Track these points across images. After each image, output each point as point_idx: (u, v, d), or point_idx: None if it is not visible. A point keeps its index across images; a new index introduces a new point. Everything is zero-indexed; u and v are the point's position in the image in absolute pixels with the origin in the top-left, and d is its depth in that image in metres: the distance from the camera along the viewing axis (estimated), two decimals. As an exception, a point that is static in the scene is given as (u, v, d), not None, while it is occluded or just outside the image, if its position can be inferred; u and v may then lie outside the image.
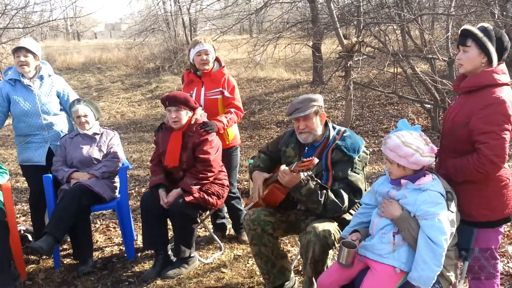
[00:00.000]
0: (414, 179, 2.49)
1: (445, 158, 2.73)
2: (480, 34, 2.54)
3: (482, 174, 2.51)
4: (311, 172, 2.93)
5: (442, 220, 2.36)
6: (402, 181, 2.50)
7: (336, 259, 2.62)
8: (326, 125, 3.20)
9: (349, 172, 2.99)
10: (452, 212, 2.48)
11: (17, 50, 4.09)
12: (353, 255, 2.54)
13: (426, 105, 7.72)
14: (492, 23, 7.51)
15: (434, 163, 2.71)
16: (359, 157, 3.03)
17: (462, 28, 2.65)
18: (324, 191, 2.94)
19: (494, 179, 2.59)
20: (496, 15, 6.80)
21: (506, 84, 2.56)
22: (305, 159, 2.80)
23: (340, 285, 2.61)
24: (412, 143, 2.45)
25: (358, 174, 3.02)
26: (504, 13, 7.66)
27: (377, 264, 2.47)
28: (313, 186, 2.91)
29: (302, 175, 2.87)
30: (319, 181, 2.98)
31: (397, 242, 2.45)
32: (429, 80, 6.95)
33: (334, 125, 3.24)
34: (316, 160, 2.78)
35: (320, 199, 2.91)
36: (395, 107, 9.50)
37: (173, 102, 3.73)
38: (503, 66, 2.61)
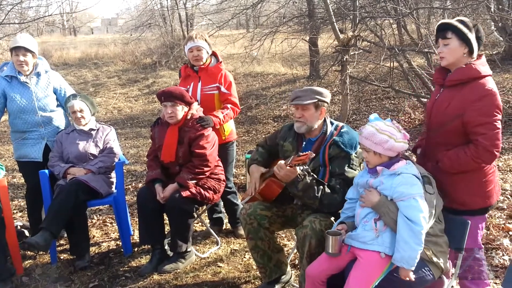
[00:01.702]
0: (389, 165, 2.57)
1: (433, 151, 2.78)
2: (459, 25, 2.62)
3: (479, 164, 2.61)
4: (307, 166, 2.93)
5: (418, 199, 2.43)
6: (378, 168, 2.58)
7: (324, 250, 2.66)
8: (324, 120, 3.19)
9: (346, 168, 2.99)
10: (430, 194, 2.54)
11: (16, 49, 4.06)
12: (339, 243, 2.59)
13: (422, 99, 7.73)
14: (488, 17, 7.52)
15: (414, 154, 2.77)
16: (356, 153, 3.03)
17: (439, 22, 2.72)
18: (321, 186, 2.94)
19: (484, 167, 2.68)
20: (492, 9, 6.80)
21: (489, 75, 2.64)
22: (301, 153, 2.82)
23: (328, 275, 2.65)
24: (386, 130, 2.56)
25: (355, 170, 3.02)
26: (500, 6, 7.66)
27: (363, 251, 2.53)
28: (309, 181, 2.91)
29: (299, 169, 2.89)
30: (316, 176, 2.98)
31: (379, 228, 2.52)
32: (425, 74, 6.95)
33: (332, 121, 3.23)
34: (312, 154, 2.80)
35: (316, 194, 2.91)
36: (392, 101, 9.51)
37: (168, 97, 3.73)
38: (484, 58, 2.69)
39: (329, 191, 2.93)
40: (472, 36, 2.62)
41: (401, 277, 2.41)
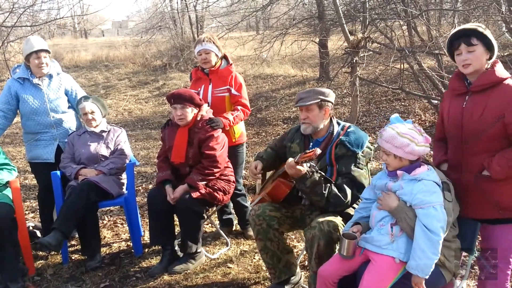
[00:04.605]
0: (409, 170, 2.54)
1: (473, 161, 2.66)
2: (484, 31, 2.56)
3: None
4: (314, 164, 2.95)
5: (438, 208, 2.40)
6: (398, 172, 2.55)
7: (337, 251, 2.65)
8: (330, 120, 3.23)
9: (352, 167, 3.01)
10: (449, 201, 2.51)
11: (38, 52, 4.09)
12: (354, 246, 2.58)
13: (433, 101, 7.68)
14: (499, 18, 7.46)
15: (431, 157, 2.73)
16: (362, 152, 3.05)
17: (460, 28, 2.64)
18: (328, 184, 2.96)
19: None
20: (503, 10, 6.75)
21: (510, 77, 2.61)
22: (307, 151, 2.86)
23: (340, 276, 2.64)
24: (407, 133, 2.52)
25: (362, 169, 3.04)
26: (511, 8, 7.59)
27: (377, 255, 2.51)
28: (317, 178, 2.93)
29: (306, 166, 2.91)
30: (324, 174, 3.00)
31: (395, 233, 2.50)
32: (436, 76, 6.91)
33: (339, 121, 3.27)
34: (318, 151, 2.82)
35: (323, 191, 2.93)
36: (402, 103, 9.46)
37: (178, 100, 3.75)
38: (499, 62, 2.65)
39: (336, 190, 2.95)
40: (495, 42, 2.57)
41: (413, 284, 2.39)
